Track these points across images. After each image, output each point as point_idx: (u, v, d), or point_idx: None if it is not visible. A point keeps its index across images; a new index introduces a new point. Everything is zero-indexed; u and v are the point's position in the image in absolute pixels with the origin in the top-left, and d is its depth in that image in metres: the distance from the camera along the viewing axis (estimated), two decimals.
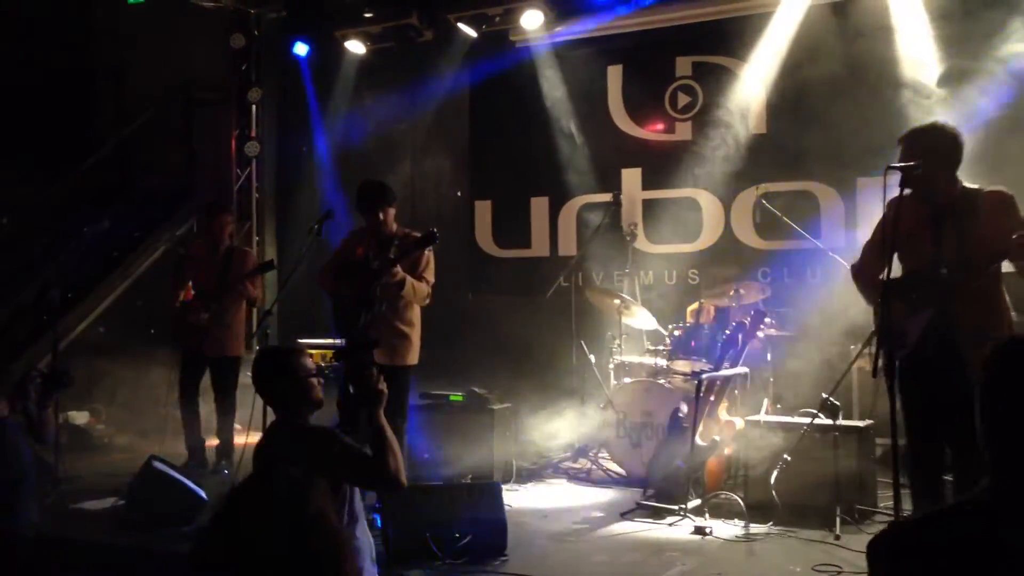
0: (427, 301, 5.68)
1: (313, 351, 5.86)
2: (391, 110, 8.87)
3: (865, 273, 4.40)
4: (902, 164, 4.05)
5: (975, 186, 4.20)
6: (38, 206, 8.96)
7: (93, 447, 7.94)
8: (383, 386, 3.45)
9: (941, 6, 6.89)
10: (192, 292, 7.03)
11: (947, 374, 4.01)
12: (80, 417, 8.19)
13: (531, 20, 8.15)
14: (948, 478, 4.34)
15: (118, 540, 5.23)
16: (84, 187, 9.42)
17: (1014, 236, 3.79)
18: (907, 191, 4.05)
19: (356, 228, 5.90)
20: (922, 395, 4.16)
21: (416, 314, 5.73)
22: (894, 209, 4.08)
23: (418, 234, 5.53)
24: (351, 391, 3.51)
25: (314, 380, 3.53)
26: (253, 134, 9.36)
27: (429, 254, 5.65)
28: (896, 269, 4.30)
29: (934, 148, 4.13)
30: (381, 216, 5.62)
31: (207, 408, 6.94)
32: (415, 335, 5.71)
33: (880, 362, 3.98)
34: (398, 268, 5.35)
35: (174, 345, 6.99)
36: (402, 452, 5.50)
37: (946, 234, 4.10)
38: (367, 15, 8.64)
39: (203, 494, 5.47)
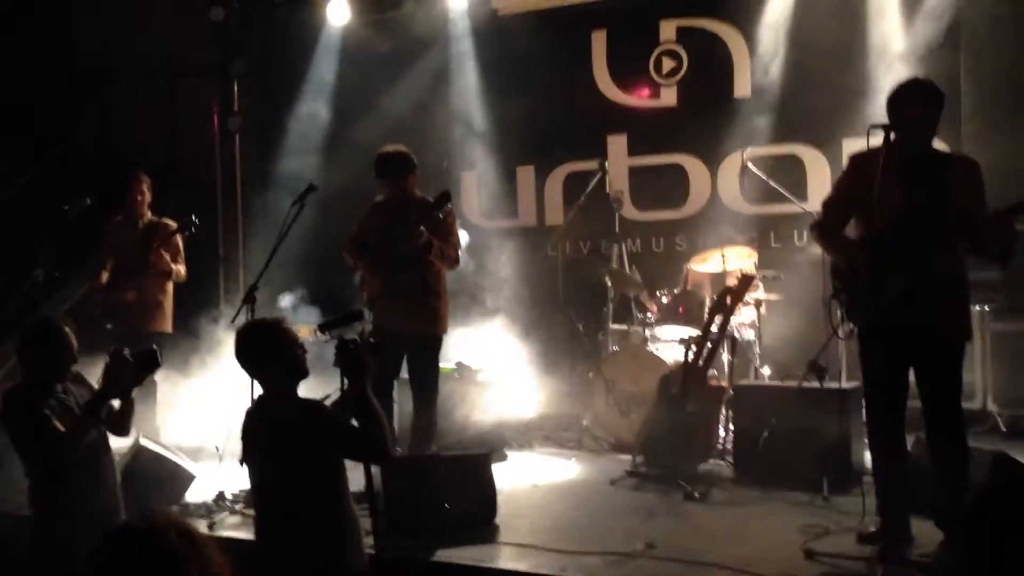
0: (456, 265, 5.72)
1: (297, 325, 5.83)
2: (375, 81, 8.76)
3: (828, 231, 4.38)
4: (884, 124, 4.05)
5: (944, 149, 4.19)
6: (23, 187, 8.86)
7: None
8: (368, 357, 3.44)
9: None
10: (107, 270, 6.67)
11: (914, 339, 4.05)
12: None
13: None
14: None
15: None
16: (68, 166, 9.32)
17: (992, 212, 3.86)
18: (875, 147, 4.05)
19: (377, 199, 5.85)
20: (885, 359, 4.16)
21: (442, 284, 5.75)
22: (863, 161, 4.10)
23: (431, 199, 5.54)
24: (335, 363, 3.48)
25: (299, 350, 3.51)
26: (236, 108, 9.26)
27: (453, 218, 5.71)
28: (854, 228, 4.32)
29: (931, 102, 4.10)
30: (403, 184, 5.64)
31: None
32: (443, 305, 5.72)
33: (848, 325, 4.06)
34: (422, 229, 5.36)
35: (104, 325, 6.52)
36: (433, 424, 5.57)
37: (918, 187, 4.07)
38: None
39: (193, 471, 5.47)
